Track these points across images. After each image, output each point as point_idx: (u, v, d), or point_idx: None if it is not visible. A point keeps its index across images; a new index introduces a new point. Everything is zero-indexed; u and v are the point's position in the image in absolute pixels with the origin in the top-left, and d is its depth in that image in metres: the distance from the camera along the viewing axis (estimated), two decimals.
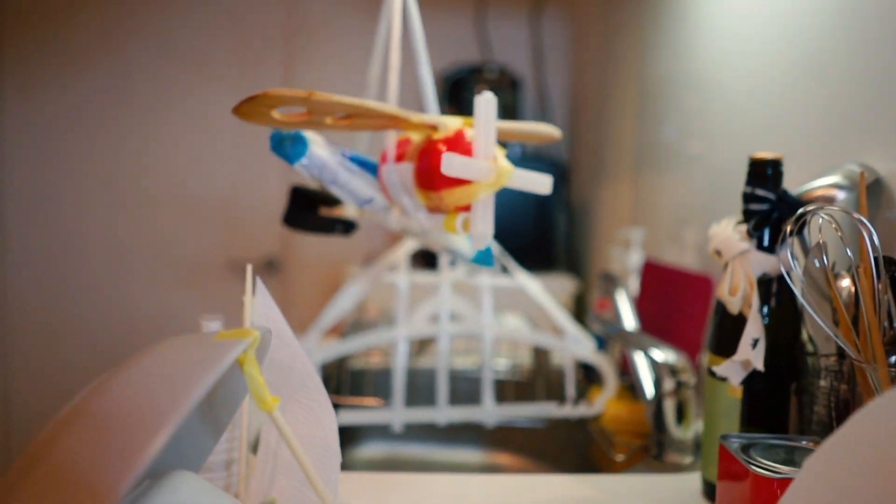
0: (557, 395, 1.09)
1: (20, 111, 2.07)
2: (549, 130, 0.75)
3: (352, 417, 0.94)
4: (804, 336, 0.62)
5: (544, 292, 1.01)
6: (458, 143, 0.61)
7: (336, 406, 1.06)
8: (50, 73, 2.07)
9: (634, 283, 1.18)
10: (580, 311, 1.66)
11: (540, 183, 0.61)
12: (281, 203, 2.17)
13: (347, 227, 0.89)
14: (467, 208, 0.61)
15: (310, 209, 0.88)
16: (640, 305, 1.07)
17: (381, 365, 1.21)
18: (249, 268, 0.57)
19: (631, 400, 0.98)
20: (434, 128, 0.64)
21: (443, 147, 0.62)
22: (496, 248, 1.04)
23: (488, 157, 0.58)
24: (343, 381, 1.15)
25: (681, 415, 0.82)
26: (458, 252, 0.82)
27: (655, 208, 1.29)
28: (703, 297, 0.89)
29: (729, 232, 0.64)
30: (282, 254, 2.16)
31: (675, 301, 0.96)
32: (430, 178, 0.62)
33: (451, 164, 0.56)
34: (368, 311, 1.35)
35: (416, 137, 0.66)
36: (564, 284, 1.63)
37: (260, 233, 2.15)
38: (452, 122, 0.64)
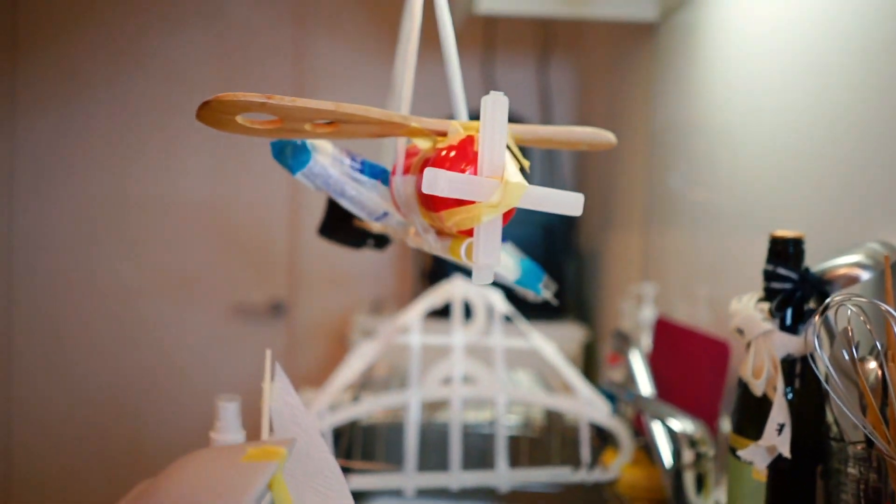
0: (571, 453, 1.08)
1: (30, 146, 2.09)
2: (595, 135, 0.61)
3: (363, 483, 0.93)
4: (829, 418, 0.61)
5: (557, 353, 1.00)
6: (465, 153, 0.51)
7: (347, 470, 1.05)
8: (63, 106, 2.09)
9: (647, 340, 1.17)
10: (590, 360, 1.65)
11: (565, 203, 0.49)
12: (288, 245, 2.16)
13: (379, 241, 0.81)
14: (472, 233, 0.51)
15: (346, 220, 0.78)
16: (654, 363, 1.06)
17: (392, 419, 1.19)
18: (269, 353, 0.56)
19: (647, 464, 0.96)
20: (444, 134, 0.54)
21: (451, 153, 0.51)
22: (505, 305, 1.04)
23: (495, 171, 0.47)
24: (355, 437, 1.13)
25: (700, 484, 0.80)
26: (498, 274, 0.72)
27: (667, 261, 1.29)
28: (720, 363, 0.88)
29: (751, 311, 0.64)
30: (288, 297, 2.15)
31: (690, 364, 0.96)
32: (428, 196, 0.51)
33: (435, 181, 0.45)
34: (378, 368, 1.34)
35: (423, 145, 0.57)
36: (574, 334, 1.62)
37: (267, 276, 2.15)
38: (466, 127, 0.53)
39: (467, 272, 0.67)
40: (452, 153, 0.51)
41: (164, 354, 2.13)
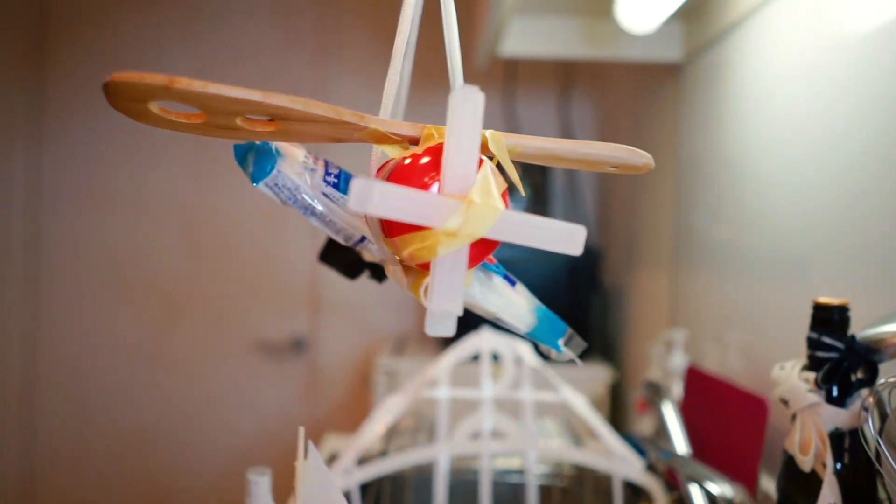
0: None
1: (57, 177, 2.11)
2: (624, 152, 0.48)
3: None
4: (882, 495, 0.59)
5: (588, 406, 0.98)
6: (434, 164, 0.40)
7: None
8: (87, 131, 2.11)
9: (677, 388, 1.15)
10: (616, 401, 1.62)
11: (558, 237, 0.38)
12: (309, 280, 2.14)
13: (377, 271, 0.71)
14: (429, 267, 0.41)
15: (348, 249, 0.65)
16: (685, 414, 1.04)
17: (420, 468, 1.17)
18: (301, 430, 0.55)
19: None
20: (417, 141, 0.44)
21: (418, 162, 0.41)
22: (534, 357, 1.02)
23: (460, 187, 0.37)
24: (382, 489, 1.12)
25: None
26: (507, 323, 0.58)
27: (696, 304, 1.27)
28: (758, 421, 0.86)
29: (795, 380, 0.62)
30: (310, 333, 2.14)
31: (725, 419, 0.93)
32: (384, 221, 0.42)
33: (367, 196, 0.34)
34: (404, 418, 1.32)
35: (393, 154, 0.46)
36: (599, 373, 1.59)
37: (288, 311, 2.14)
38: (442, 133, 0.42)
39: (493, 322, 0.58)
40: (421, 161, 0.41)
41: (186, 391, 2.13)
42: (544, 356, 0.62)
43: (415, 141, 0.44)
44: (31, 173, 2.08)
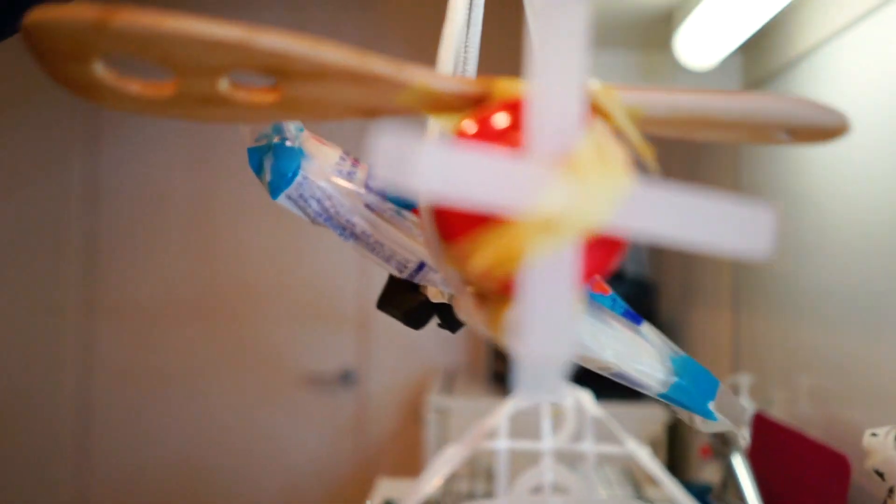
0: None
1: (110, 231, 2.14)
2: (807, 109, 0.35)
3: None
4: None
5: (654, 460, 0.94)
6: (515, 127, 0.26)
7: None
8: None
9: (744, 435, 1.10)
10: (673, 443, 1.57)
11: (727, 227, 0.24)
12: (356, 311, 2.12)
13: (447, 317, 0.54)
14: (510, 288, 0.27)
15: (410, 287, 0.53)
16: (753, 464, 0.99)
17: None
18: None
19: None
20: (482, 98, 0.29)
21: (486, 123, 0.27)
22: (597, 407, 0.99)
23: (561, 149, 0.23)
24: None
25: None
26: (632, 379, 0.44)
27: (761, 345, 1.22)
28: (839, 482, 0.81)
29: (891, 451, 0.58)
30: (358, 365, 2.13)
31: (799, 476, 0.88)
32: (443, 218, 0.27)
33: (402, 159, 0.22)
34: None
35: (448, 125, 0.31)
36: (657, 413, 1.54)
37: (336, 343, 2.14)
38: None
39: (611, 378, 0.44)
40: (492, 120, 0.27)
41: (233, 423, 2.13)
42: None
43: (481, 100, 0.30)
44: (87, 174, 2.12)
